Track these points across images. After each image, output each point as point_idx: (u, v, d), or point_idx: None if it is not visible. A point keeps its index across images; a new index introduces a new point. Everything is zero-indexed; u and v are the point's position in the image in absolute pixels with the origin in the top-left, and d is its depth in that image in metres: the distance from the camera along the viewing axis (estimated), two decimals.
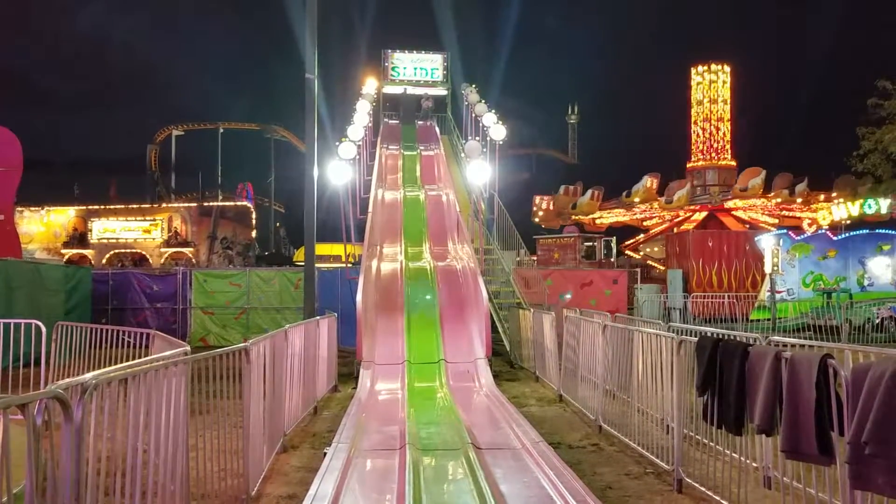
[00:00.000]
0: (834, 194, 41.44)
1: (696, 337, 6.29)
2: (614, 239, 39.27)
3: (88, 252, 40.36)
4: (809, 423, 4.48)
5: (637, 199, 44.09)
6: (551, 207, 45.78)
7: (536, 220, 46.05)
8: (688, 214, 46.96)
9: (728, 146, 50.99)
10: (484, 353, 12.38)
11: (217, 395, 5.64)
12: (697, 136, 51.44)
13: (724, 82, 51.36)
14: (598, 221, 47.80)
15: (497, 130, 18.01)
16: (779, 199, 43.08)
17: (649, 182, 43.31)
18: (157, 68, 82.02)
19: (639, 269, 28.74)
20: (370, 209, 17.72)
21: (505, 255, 19.49)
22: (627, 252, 47.01)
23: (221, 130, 52.73)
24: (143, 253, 40.64)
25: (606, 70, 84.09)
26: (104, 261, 39.22)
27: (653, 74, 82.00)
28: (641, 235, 49.39)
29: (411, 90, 28.92)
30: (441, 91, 29.30)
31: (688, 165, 50.90)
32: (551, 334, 12.12)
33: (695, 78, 51.81)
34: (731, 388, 5.33)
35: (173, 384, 4.70)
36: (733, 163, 50.05)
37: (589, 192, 45.05)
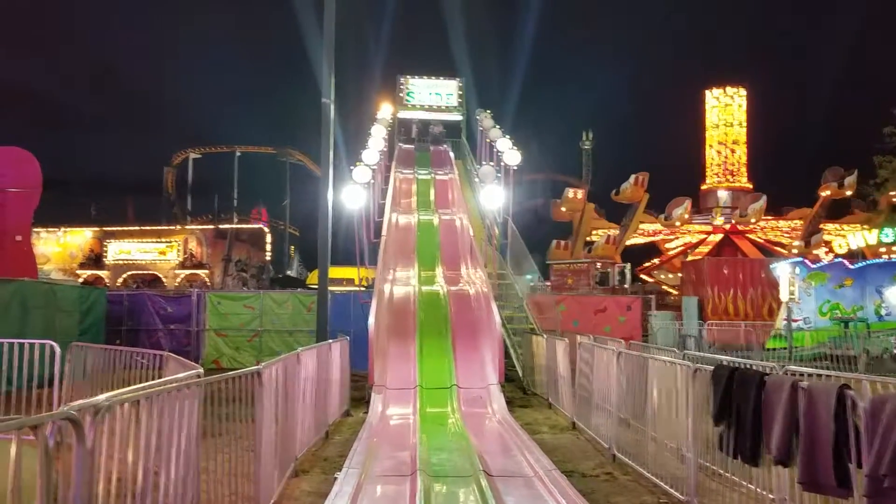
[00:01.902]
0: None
1: (711, 365, 6.23)
2: (628, 265, 39.09)
3: (104, 273, 40.65)
4: (827, 455, 4.42)
5: (624, 199, 43.69)
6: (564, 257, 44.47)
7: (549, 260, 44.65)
8: (703, 237, 46.83)
9: (744, 168, 50.94)
10: (497, 379, 12.31)
11: (229, 418, 5.63)
12: (712, 158, 51.42)
13: (739, 105, 51.41)
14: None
15: (511, 156, 18.06)
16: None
17: (634, 179, 43.06)
18: (176, 91, 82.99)
19: (653, 296, 28.54)
20: (384, 233, 17.77)
21: (518, 280, 19.45)
22: (642, 276, 46.74)
23: (238, 154, 53.22)
24: (158, 274, 40.89)
25: (621, 95, 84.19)
26: (119, 282, 39.48)
27: (668, 98, 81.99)
28: (657, 259, 49.20)
29: (425, 116, 29.12)
30: (456, 116, 29.48)
31: (702, 188, 50.84)
32: (565, 361, 12.04)
33: (710, 101, 51.87)
34: (747, 417, 5.27)
35: (186, 407, 4.71)
36: (749, 185, 49.96)
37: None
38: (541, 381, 14.34)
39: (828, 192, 42.63)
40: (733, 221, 45.94)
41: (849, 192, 41.50)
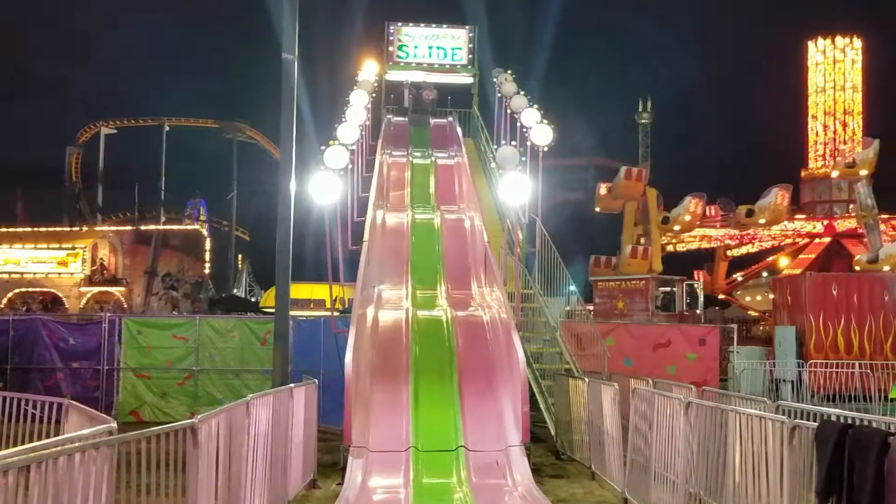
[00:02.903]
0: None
1: (815, 421, 6.22)
2: (701, 283, 38.91)
3: None
4: None
5: (618, 197, 42.99)
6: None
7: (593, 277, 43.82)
8: (804, 241, 46.54)
9: (858, 147, 50.51)
10: (519, 439, 12.28)
11: (152, 490, 5.62)
12: (817, 134, 51.06)
13: (853, 61, 50.99)
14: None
15: (541, 132, 18.04)
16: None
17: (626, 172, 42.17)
18: (83, 44, 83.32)
19: (735, 326, 28.49)
20: (366, 238, 17.78)
21: (550, 303, 19.45)
22: (721, 297, 46.55)
23: (167, 129, 53.22)
24: (57, 293, 40.96)
25: (689, 50, 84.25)
26: (4, 303, 39.58)
27: (755, 53, 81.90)
28: (739, 275, 49.05)
29: (423, 78, 29.09)
30: (465, 78, 29.50)
31: (802, 173, 50.40)
32: (613, 414, 12.03)
33: (813, 56, 51.50)
34: (864, 492, 5.26)
35: (93, 475, 4.70)
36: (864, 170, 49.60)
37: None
38: (580, 442, 14.32)
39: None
40: (742, 224, 45.43)
41: (863, 172, 40.75)
